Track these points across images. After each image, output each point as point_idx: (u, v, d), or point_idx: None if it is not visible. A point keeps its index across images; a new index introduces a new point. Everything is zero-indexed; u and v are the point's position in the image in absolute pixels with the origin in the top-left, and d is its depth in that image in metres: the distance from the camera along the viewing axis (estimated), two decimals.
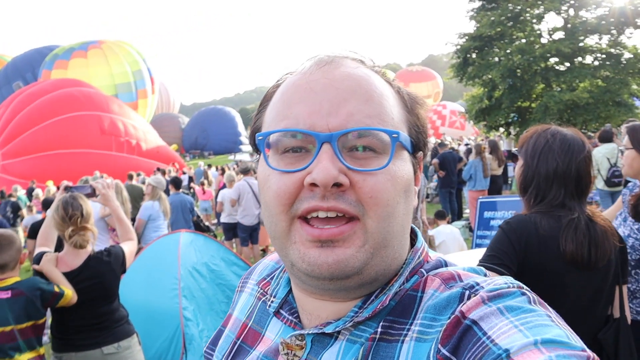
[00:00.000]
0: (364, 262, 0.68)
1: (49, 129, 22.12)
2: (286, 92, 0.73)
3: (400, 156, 0.72)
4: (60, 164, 21.20)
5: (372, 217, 0.67)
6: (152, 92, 34.71)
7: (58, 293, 2.86)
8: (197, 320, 5.23)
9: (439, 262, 0.77)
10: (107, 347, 3.08)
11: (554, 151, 2.04)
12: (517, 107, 18.92)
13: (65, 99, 23.36)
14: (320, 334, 0.74)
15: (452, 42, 19.74)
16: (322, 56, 0.75)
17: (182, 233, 5.91)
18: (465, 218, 11.71)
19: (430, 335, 0.66)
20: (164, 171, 17.09)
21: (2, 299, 2.76)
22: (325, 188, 0.65)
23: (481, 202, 6.71)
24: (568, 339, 0.58)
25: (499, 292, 0.65)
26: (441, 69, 67.65)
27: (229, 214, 8.85)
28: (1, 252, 2.85)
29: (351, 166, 0.67)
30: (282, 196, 0.69)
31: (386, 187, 0.68)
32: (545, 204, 2.05)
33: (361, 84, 0.70)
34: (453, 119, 35.62)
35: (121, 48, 33.79)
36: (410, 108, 0.77)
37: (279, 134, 0.70)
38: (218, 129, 42.97)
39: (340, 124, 0.67)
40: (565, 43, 16.98)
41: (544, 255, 1.95)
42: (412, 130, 0.76)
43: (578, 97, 16.22)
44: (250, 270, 1.00)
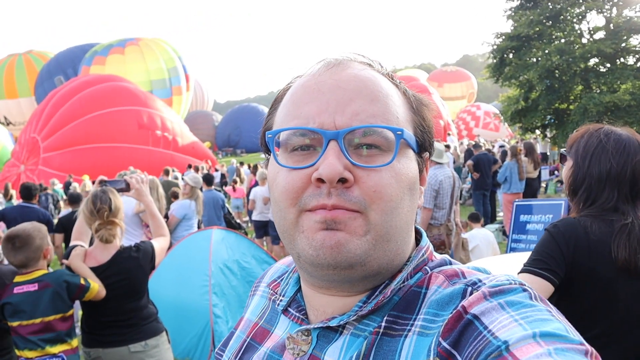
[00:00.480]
0: (365, 252, 0.70)
1: (89, 123, 22.62)
2: (295, 93, 0.76)
3: (405, 154, 0.74)
4: (98, 158, 21.69)
5: (375, 210, 0.70)
6: (187, 90, 35.17)
7: (84, 285, 2.86)
8: (226, 318, 5.25)
9: (444, 260, 0.80)
10: (134, 344, 3.05)
11: (608, 151, 1.95)
12: (554, 109, 18.45)
13: (106, 93, 23.83)
14: (326, 328, 0.76)
15: (489, 42, 19.38)
16: (330, 59, 0.78)
17: (213, 230, 5.94)
18: (499, 221, 11.48)
19: (433, 329, 0.68)
20: (197, 168, 17.27)
21: (30, 292, 2.80)
22: (330, 183, 0.68)
23: (517, 205, 6.55)
24: (567, 333, 0.59)
25: (500, 288, 0.67)
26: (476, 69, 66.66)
27: (261, 212, 8.89)
28: (16, 253, 2.88)
29: (356, 162, 0.69)
30: (290, 191, 0.72)
31: (390, 182, 0.70)
32: (596, 207, 1.95)
33: (367, 84, 0.73)
34: (487, 120, 34.99)
35: (157, 45, 34.38)
36: (416, 109, 0.79)
37: (288, 133, 0.74)
38: (251, 126, 43.22)
39: (346, 122, 0.70)
40: (607, 43, 16.46)
41: (594, 261, 1.86)
42: (418, 130, 0.78)
43: (619, 99, 15.70)
44: (263, 274, 1.04)
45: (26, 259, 2.88)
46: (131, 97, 24.31)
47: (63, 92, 24.26)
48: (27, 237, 2.90)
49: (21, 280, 2.85)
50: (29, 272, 2.88)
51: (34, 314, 2.78)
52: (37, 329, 2.78)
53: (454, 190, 7.58)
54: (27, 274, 2.88)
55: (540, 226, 6.12)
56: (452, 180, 7.26)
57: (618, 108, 16.02)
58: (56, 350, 2.80)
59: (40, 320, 2.78)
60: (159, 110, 24.68)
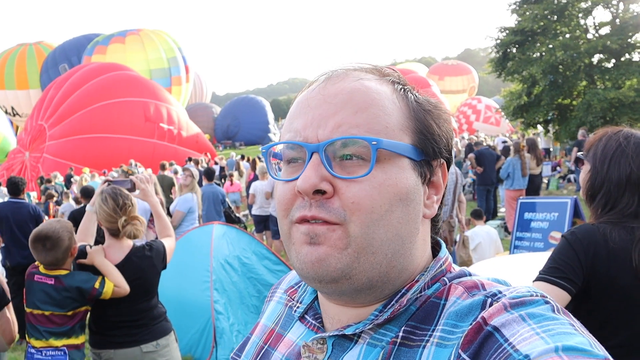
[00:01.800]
0: (347, 265, 0.69)
1: (96, 112, 22.59)
2: (293, 109, 0.78)
3: (393, 164, 0.72)
4: (102, 148, 21.70)
5: (354, 222, 0.69)
6: (187, 81, 35.10)
7: (97, 289, 2.85)
8: (228, 314, 5.20)
9: (463, 272, 0.78)
10: (146, 345, 3.02)
11: (628, 155, 1.86)
12: (557, 105, 18.39)
13: (115, 83, 23.76)
14: (341, 336, 0.75)
15: (492, 36, 19.30)
16: (328, 71, 0.78)
17: (214, 225, 5.88)
18: (500, 217, 11.42)
19: (452, 341, 0.67)
20: (197, 161, 17.20)
21: (46, 284, 2.86)
22: (307, 195, 0.69)
23: (521, 202, 6.47)
24: (591, 347, 0.57)
25: (521, 300, 0.65)
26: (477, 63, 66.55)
27: (261, 206, 8.82)
28: (47, 254, 2.89)
29: (336, 174, 0.69)
30: (282, 203, 0.74)
31: (370, 194, 0.69)
32: (615, 213, 1.87)
33: (353, 96, 0.72)
34: (488, 114, 34.84)
35: (158, 35, 34.40)
36: (416, 115, 0.76)
37: (282, 146, 0.77)
38: (250, 118, 43.17)
39: (328, 135, 0.71)
40: (612, 39, 16.37)
41: (614, 270, 1.78)
42: (417, 138, 0.75)
43: (624, 95, 15.63)
44: (281, 279, 1.03)
45: (56, 260, 2.90)
46: (140, 87, 24.30)
47: (72, 80, 24.17)
48: (57, 240, 2.89)
49: (43, 272, 2.92)
50: (51, 270, 2.92)
51: (44, 306, 2.83)
52: (45, 320, 2.83)
53: (456, 187, 7.52)
54: (49, 270, 2.92)
55: (545, 224, 6.05)
56: (454, 177, 7.20)
57: (622, 104, 15.96)
58: (59, 344, 2.82)
59: (50, 313, 2.83)
60: (166, 102, 24.62)
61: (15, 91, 36.75)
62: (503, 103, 20.78)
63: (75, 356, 2.87)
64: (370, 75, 0.76)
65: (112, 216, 2.95)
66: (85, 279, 2.88)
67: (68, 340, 2.85)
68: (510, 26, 18.72)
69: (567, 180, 15.34)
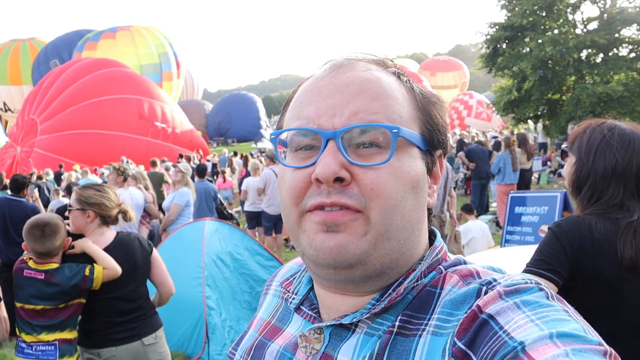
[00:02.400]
0: (365, 251, 0.70)
1: (89, 108, 22.44)
2: (300, 96, 0.78)
3: (407, 152, 0.73)
4: (95, 144, 21.54)
5: (374, 209, 0.69)
6: (178, 77, 34.95)
7: (87, 277, 2.83)
8: (220, 310, 5.20)
9: (458, 260, 0.79)
10: (146, 337, 3.05)
11: (613, 146, 1.88)
12: (547, 100, 18.45)
13: (109, 79, 23.60)
14: (338, 325, 0.76)
15: (482, 32, 19.32)
16: (335, 60, 0.78)
17: (206, 221, 5.88)
18: (491, 212, 11.49)
19: (447, 329, 0.67)
20: (189, 157, 17.15)
21: (36, 279, 2.82)
22: (327, 183, 0.69)
23: (512, 197, 6.52)
24: (585, 333, 0.58)
25: (516, 288, 0.66)
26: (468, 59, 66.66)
27: (253, 203, 8.81)
28: (45, 241, 2.86)
29: (353, 161, 0.70)
30: (294, 190, 0.73)
31: (388, 180, 0.70)
32: (601, 204, 1.89)
33: (366, 86, 0.73)
34: (479, 109, 34.95)
35: (149, 31, 34.33)
36: (423, 107, 0.79)
37: (291, 133, 0.75)
38: (242, 114, 42.99)
39: (344, 122, 0.71)
40: (600, 34, 16.45)
41: (599, 261, 1.80)
42: (424, 128, 0.77)
43: (612, 90, 15.71)
44: (275, 273, 1.04)
45: (51, 250, 2.87)
46: (134, 84, 24.15)
47: (66, 75, 23.98)
48: (56, 226, 2.89)
49: (32, 266, 2.87)
50: (43, 263, 2.88)
51: (35, 301, 2.81)
52: (36, 314, 2.81)
53: (447, 181, 7.56)
54: (39, 264, 2.88)
55: (536, 218, 6.10)
56: (445, 172, 7.24)
57: (611, 99, 16.04)
58: (51, 338, 2.79)
59: (41, 307, 2.80)
60: (161, 100, 24.45)
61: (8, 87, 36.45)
62: (494, 98, 20.84)
63: (66, 350, 2.83)
64: (375, 66, 0.77)
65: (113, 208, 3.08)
66: (75, 270, 2.85)
67: (61, 333, 2.82)
68: (500, 22, 18.76)
69: (557, 175, 15.46)
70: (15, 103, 36.20)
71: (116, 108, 22.73)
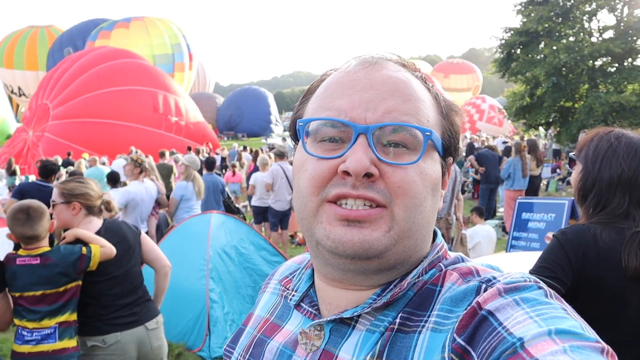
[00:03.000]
0: (386, 247, 0.71)
1: (104, 97, 22.28)
2: (329, 87, 0.77)
3: (430, 155, 0.75)
4: (106, 133, 21.37)
5: (399, 206, 0.71)
6: (190, 68, 35.05)
7: (85, 255, 2.84)
8: (222, 303, 5.22)
9: (457, 258, 0.80)
10: (149, 322, 3.07)
11: (619, 155, 1.88)
12: (559, 107, 18.38)
13: (125, 70, 23.44)
14: (339, 321, 0.76)
15: (497, 36, 19.26)
16: (367, 57, 0.78)
17: (213, 214, 5.90)
18: (498, 217, 11.45)
19: (446, 326, 0.68)
20: (198, 150, 17.20)
21: (32, 264, 2.80)
22: (356, 177, 0.69)
23: (519, 202, 6.50)
24: (583, 330, 0.58)
25: (515, 285, 0.66)
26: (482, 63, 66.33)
27: (260, 198, 8.82)
28: (32, 224, 2.85)
29: (383, 158, 0.70)
30: (316, 179, 0.73)
31: (414, 180, 0.71)
32: (606, 213, 1.89)
33: (400, 86, 0.74)
34: (491, 114, 34.69)
35: (163, 22, 34.50)
36: (446, 114, 0.80)
37: (319, 123, 0.75)
38: (253, 109, 43.03)
39: (377, 119, 0.71)
40: (616, 43, 16.35)
41: (603, 270, 1.80)
42: (445, 135, 0.79)
43: (626, 99, 15.64)
44: (274, 271, 1.04)
45: (37, 233, 2.86)
46: (150, 77, 23.95)
47: (82, 62, 23.84)
48: (40, 208, 2.90)
49: (24, 254, 2.84)
50: (33, 249, 2.86)
51: (34, 287, 2.78)
52: (36, 300, 2.78)
53: (455, 184, 7.54)
54: (30, 250, 2.86)
55: (542, 225, 6.08)
56: (453, 174, 7.23)
57: (624, 108, 15.96)
58: (52, 323, 2.78)
59: (41, 293, 2.78)
60: (175, 93, 24.45)
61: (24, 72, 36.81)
62: (506, 103, 20.75)
63: (66, 333, 2.82)
64: (403, 69, 0.78)
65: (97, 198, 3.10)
66: (71, 249, 2.86)
67: (62, 317, 2.81)
68: (515, 27, 18.67)
69: (566, 183, 15.36)
70: (30, 88, 36.53)
71: (131, 99, 22.59)
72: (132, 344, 2.98)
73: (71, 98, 22.41)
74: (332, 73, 0.81)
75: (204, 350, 4.99)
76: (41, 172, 6.39)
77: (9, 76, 36.84)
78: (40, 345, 2.77)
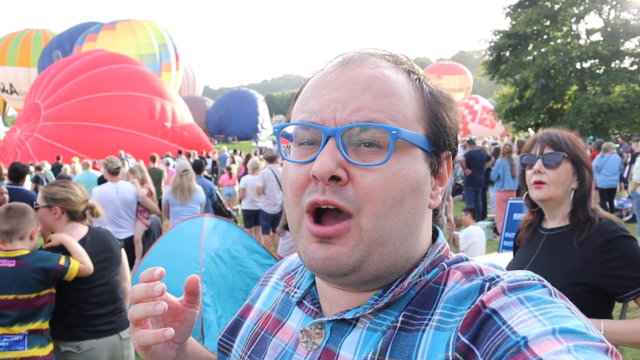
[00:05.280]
0: (358, 261, 0.70)
1: (99, 102, 22.18)
2: (306, 90, 0.77)
3: (407, 154, 0.72)
4: (99, 138, 21.25)
5: (366, 215, 0.69)
6: (177, 69, 35.09)
7: (63, 266, 2.79)
8: (215, 307, 5.20)
9: (460, 257, 0.79)
10: (123, 332, 3.09)
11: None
12: (549, 109, 18.56)
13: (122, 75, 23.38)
14: (340, 320, 0.75)
15: (486, 39, 19.39)
16: (345, 55, 0.77)
17: (205, 217, 5.87)
18: (489, 218, 11.51)
19: (450, 324, 0.67)
20: (188, 154, 17.14)
21: (7, 267, 2.75)
22: (323, 181, 0.68)
23: (511, 203, 6.52)
24: (587, 330, 0.58)
25: (519, 284, 0.66)
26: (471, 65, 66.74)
27: (251, 201, 8.81)
28: (8, 218, 2.82)
29: (351, 160, 0.69)
30: (295, 186, 0.73)
31: (384, 184, 0.69)
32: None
33: (372, 84, 0.72)
34: (484, 115, 34.82)
35: (149, 23, 34.75)
36: (430, 107, 0.76)
37: (295, 127, 0.75)
38: (242, 111, 43.02)
39: (346, 118, 0.70)
40: (604, 45, 16.57)
41: None
42: (430, 129, 0.75)
43: (613, 101, 15.83)
44: (275, 266, 1.03)
45: (17, 228, 2.81)
46: (148, 84, 23.87)
47: (77, 64, 23.69)
48: (23, 208, 2.88)
49: (1, 255, 2.79)
50: (12, 250, 2.81)
51: (6, 290, 2.73)
52: (8, 304, 2.73)
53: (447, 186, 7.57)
54: (9, 252, 2.81)
55: None
56: None
57: (612, 110, 16.14)
58: (23, 330, 2.73)
59: (14, 297, 2.72)
60: (172, 100, 24.32)
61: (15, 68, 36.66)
62: (496, 105, 20.91)
63: (36, 341, 2.77)
64: (386, 63, 0.76)
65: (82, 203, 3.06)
66: (48, 256, 2.81)
67: (33, 324, 2.76)
68: (504, 29, 18.83)
69: None
70: (21, 85, 36.39)
71: (126, 105, 22.46)
72: (105, 352, 2.99)
73: (64, 100, 22.22)
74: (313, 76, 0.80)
75: None
76: (11, 174, 6.25)
77: (1, 73, 36.65)
78: (7, 352, 2.72)
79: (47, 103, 22.42)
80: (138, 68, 24.72)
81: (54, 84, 22.93)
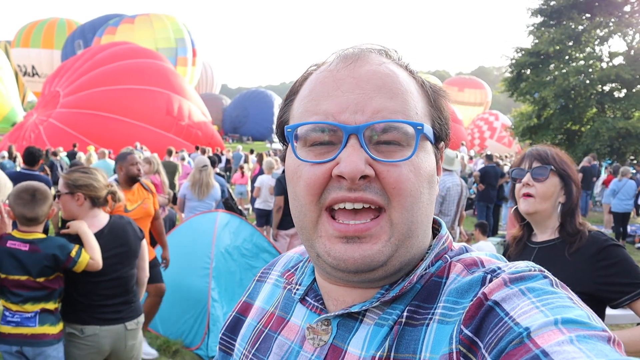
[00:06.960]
0: (389, 256, 0.70)
1: (118, 94, 22.25)
2: (314, 88, 0.75)
3: (423, 148, 0.74)
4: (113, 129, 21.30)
5: (396, 208, 0.70)
6: (193, 64, 35.23)
7: (72, 259, 2.82)
8: (222, 303, 5.23)
9: (462, 249, 0.80)
10: (129, 322, 3.09)
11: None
12: (566, 130, 18.43)
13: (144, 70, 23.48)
14: (347, 316, 0.76)
15: (507, 56, 19.33)
16: (348, 51, 0.77)
17: (219, 213, 5.92)
18: (500, 235, 11.45)
19: (453, 317, 0.68)
20: (204, 150, 17.27)
21: (20, 250, 2.80)
22: (352, 181, 0.68)
23: None
24: (589, 320, 0.58)
25: (521, 275, 0.66)
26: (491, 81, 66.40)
27: (265, 200, 8.85)
28: (36, 206, 2.86)
29: (376, 157, 0.69)
30: (313, 186, 0.71)
31: (409, 177, 0.70)
32: None
33: (386, 81, 0.72)
34: (503, 133, 34.43)
35: (168, 18, 35.01)
36: (433, 101, 0.79)
37: (307, 128, 0.72)
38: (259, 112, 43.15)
39: (367, 120, 0.70)
40: (626, 69, 16.42)
41: None
42: (435, 123, 0.78)
43: (633, 126, 15.69)
44: (273, 262, 1.01)
45: (38, 216, 2.86)
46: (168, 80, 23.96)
47: (101, 56, 23.88)
48: (46, 192, 2.91)
49: (16, 237, 2.85)
50: (27, 232, 2.86)
51: (19, 271, 2.79)
52: (20, 285, 2.79)
53: (460, 199, 7.55)
54: (24, 233, 2.86)
55: None
56: (460, 188, 7.23)
57: (630, 135, 16.00)
58: (35, 308, 2.80)
59: (27, 278, 2.78)
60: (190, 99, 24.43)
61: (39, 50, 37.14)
62: (513, 123, 20.81)
63: (47, 319, 2.83)
64: (388, 60, 0.77)
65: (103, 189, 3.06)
66: (62, 244, 2.83)
67: (46, 304, 2.82)
68: (526, 47, 18.75)
69: None
70: (43, 67, 36.84)
71: (145, 99, 22.53)
72: (108, 339, 3.01)
73: (84, 89, 22.38)
74: (314, 71, 0.79)
75: (201, 348, 4.98)
76: (26, 159, 6.23)
77: (24, 55, 37.24)
78: (19, 328, 2.78)
79: (67, 91, 22.62)
80: (160, 64, 24.83)
81: (77, 74, 23.15)
